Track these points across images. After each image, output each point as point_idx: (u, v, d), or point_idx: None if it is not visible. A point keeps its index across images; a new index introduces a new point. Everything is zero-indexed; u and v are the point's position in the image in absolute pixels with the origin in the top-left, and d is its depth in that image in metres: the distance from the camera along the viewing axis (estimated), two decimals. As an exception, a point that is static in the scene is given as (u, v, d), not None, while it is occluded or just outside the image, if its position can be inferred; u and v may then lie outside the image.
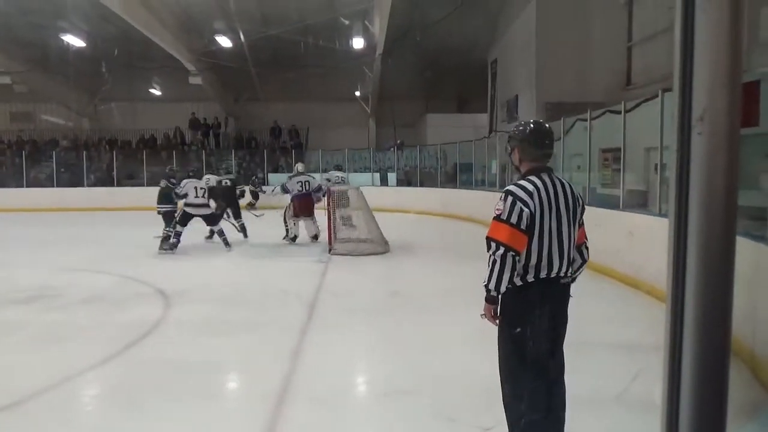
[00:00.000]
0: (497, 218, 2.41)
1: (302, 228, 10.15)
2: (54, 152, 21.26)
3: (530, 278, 2.43)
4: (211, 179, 10.33)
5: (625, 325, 5.19)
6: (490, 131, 19.07)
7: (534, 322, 2.44)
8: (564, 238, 2.46)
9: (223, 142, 23.70)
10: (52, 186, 20.14)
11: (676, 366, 0.96)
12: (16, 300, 6.04)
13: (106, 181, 20.83)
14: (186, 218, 9.22)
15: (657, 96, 6.05)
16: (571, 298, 2.61)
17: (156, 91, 24.93)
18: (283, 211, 10.28)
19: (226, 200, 10.52)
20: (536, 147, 2.53)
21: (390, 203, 16.14)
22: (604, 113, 7.98)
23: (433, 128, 22.44)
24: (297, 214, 9.94)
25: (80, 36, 17.07)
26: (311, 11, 16.20)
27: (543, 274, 2.43)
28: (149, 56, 19.29)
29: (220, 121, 24.24)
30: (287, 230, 10.09)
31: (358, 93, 24.80)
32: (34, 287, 6.66)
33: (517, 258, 2.37)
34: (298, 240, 10.06)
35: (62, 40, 17.04)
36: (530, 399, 2.46)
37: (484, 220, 12.85)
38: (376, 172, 19.96)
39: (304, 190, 9.87)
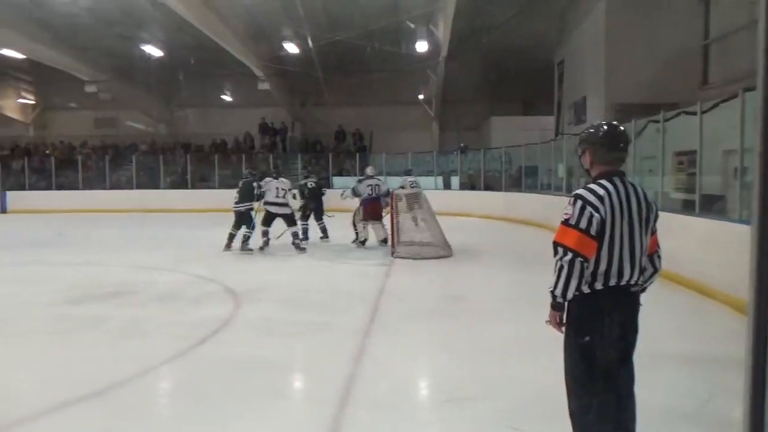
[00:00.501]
0: (566, 223, 2.32)
1: (371, 232, 10.17)
2: (134, 156, 22.49)
3: (599, 286, 2.33)
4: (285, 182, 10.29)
5: (699, 337, 4.94)
6: (557, 134, 18.60)
7: (602, 332, 2.34)
8: (636, 245, 2.35)
9: (289, 146, 24.31)
10: (132, 188, 21.31)
11: (759, 383, 0.91)
12: (99, 296, 6.43)
13: (180, 183, 21.82)
14: (270, 218, 9.44)
15: (737, 96, 5.72)
16: (641, 307, 2.49)
17: (227, 97, 25.93)
18: (352, 214, 10.32)
19: (310, 202, 10.71)
20: (609, 150, 2.43)
21: (453, 207, 16.04)
22: (678, 114, 7.63)
23: (498, 131, 22.13)
24: (366, 218, 9.96)
25: (159, 46, 18.06)
26: (376, 16, 16.37)
27: (612, 282, 2.33)
28: (221, 64, 20.10)
29: (286, 125, 24.88)
30: (357, 234, 10.12)
31: (421, 96, 24.82)
32: (115, 284, 7.07)
33: (585, 264, 2.28)
34: (367, 243, 10.08)
35: (142, 50, 18.09)
36: (599, 411, 2.36)
37: (549, 225, 12.61)
38: (439, 175, 19.90)
39: (373, 194, 9.88)
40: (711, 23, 12.72)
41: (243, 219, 9.57)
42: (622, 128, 2.50)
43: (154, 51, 18.08)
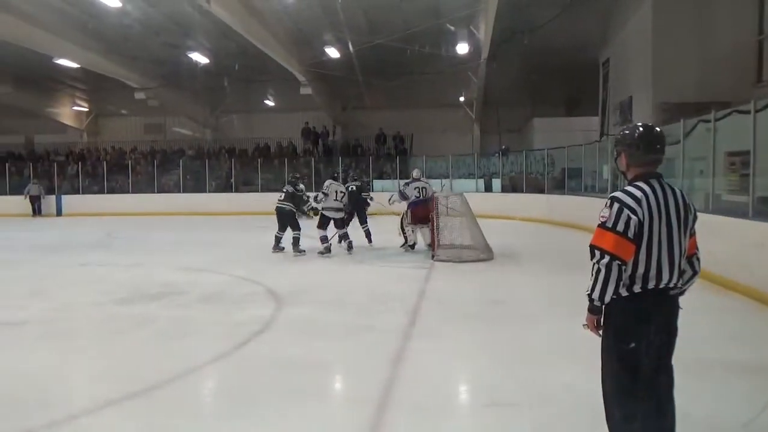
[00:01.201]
0: (602, 226, 2.31)
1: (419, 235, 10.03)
2: (181, 161, 23.16)
3: (637, 289, 2.31)
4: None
5: (753, 344, 4.73)
6: (602, 135, 18.18)
7: (641, 336, 2.31)
8: (674, 248, 2.31)
9: (330, 149, 24.56)
10: (179, 192, 21.94)
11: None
12: (147, 296, 6.65)
13: (225, 187, 22.34)
14: (325, 221, 9.51)
15: (794, 93, 5.48)
16: (680, 311, 2.44)
17: (270, 102, 26.40)
18: (400, 218, 10.20)
19: (352, 205, 10.79)
20: (645, 152, 2.38)
21: (494, 209, 15.89)
22: (730, 113, 7.35)
23: (540, 133, 21.81)
24: (414, 222, 9.78)
25: (204, 53, 18.58)
26: (416, 18, 16.38)
27: (651, 285, 2.30)
28: (264, 69, 20.49)
29: (328, 129, 25.14)
30: (405, 238, 9.98)
31: (462, 99, 24.68)
32: (161, 285, 7.30)
33: (623, 267, 2.27)
34: (416, 247, 9.97)
35: (189, 58, 18.63)
36: (643, 419, 2.32)
37: (593, 228, 12.23)
38: (480, 178, 19.72)
39: (421, 197, 9.70)
40: (765, 18, 12.22)
41: (287, 219, 9.65)
42: (658, 129, 2.44)
43: (200, 58, 18.61)
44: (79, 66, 19.34)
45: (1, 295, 7.01)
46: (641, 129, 2.43)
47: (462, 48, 17.66)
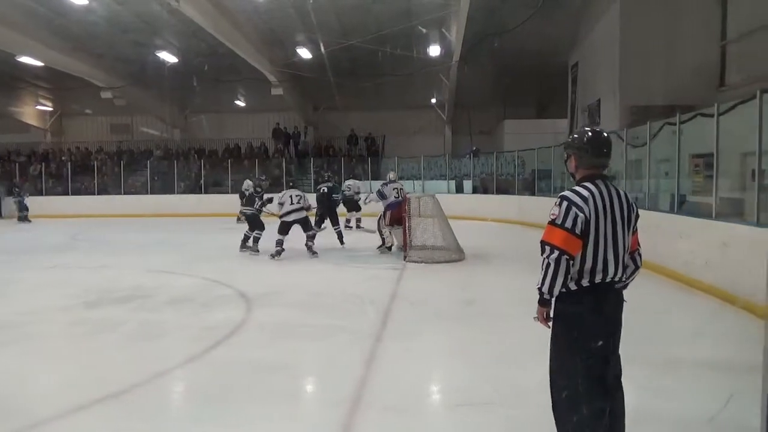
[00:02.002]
0: (552, 223, 2.45)
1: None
2: (148, 161, 22.72)
3: (585, 283, 2.44)
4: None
5: (717, 342, 4.86)
6: (571, 137, 18.47)
7: (588, 326, 2.45)
8: (619, 244, 2.46)
9: (302, 150, 24.41)
10: (147, 193, 21.51)
11: (776, 388, 0.89)
12: (115, 299, 6.49)
13: (194, 188, 21.99)
14: (286, 227, 9.38)
15: (755, 97, 5.64)
16: (625, 303, 2.57)
17: (240, 103, 26.10)
18: (377, 220, 10.19)
19: (323, 207, 10.70)
20: (593, 155, 2.53)
21: (466, 211, 15.99)
22: (694, 116, 7.53)
23: (511, 135, 22.06)
24: (392, 223, 9.73)
25: (173, 52, 18.24)
26: (389, 21, 16.40)
27: (598, 279, 2.43)
28: (234, 69, 20.25)
29: (299, 130, 24.98)
30: (383, 240, 9.93)
31: (434, 100, 24.82)
32: (129, 287, 7.13)
33: (571, 262, 2.40)
34: (393, 249, 9.95)
35: (157, 57, 18.27)
36: (589, 405, 2.43)
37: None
38: (452, 179, 19.84)
39: (400, 198, 9.69)
40: (728, 24, 12.58)
41: (250, 221, 9.90)
42: (606, 134, 2.59)
43: (168, 57, 18.26)
44: (42, 64, 18.79)
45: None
46: (590, 133, 2.56)
47: (434, 50, 17.75)
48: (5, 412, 3.38)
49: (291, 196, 9.43)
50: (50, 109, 27.79)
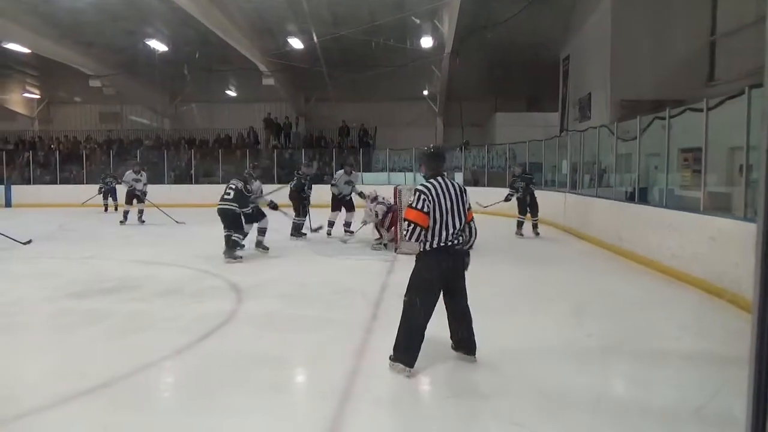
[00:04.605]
0: (410, 206, 3.75)
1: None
2: (138, 151, 22.52)
3: (434, 245, 3.74)
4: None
5: (703, 334, 4.91)
6: (561, 130, 18.55)
7: (433, 272, 3.77)
8: (455, 218, 3.76)
9: (293, 141, 24.31)
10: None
11: (763, 380, 0.90)
12: (102, 290, 6.45)
13: (185, 178, 21.84)
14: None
15: (743, 92, 5.68)
16: (469, 261, 3.94)
17: (231, 93, 25.92)
18: (375, 221, 9.76)
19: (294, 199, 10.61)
20: (435, 162, 3.93)
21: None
22: (683, 111, 7.58)
23: (502, 127, 22.09)
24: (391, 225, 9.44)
25: (163, 41, 18.04)
26: (381, 11, 16.32)
27: (440, 242, 3.72)
28: (225, 59, 20.10)
29: (291, 121, 24.86)
30: (381, 235, 9.63)
31: (426, 92, 24.76)
32: (117, 278, 7.09)
33: (422, 231, 3.70)
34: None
35: (147, 45, 18.07)
36: (416, 316, 3.77)
37: (555, 222, 12.55)
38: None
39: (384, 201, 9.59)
40: (718, 19, 12.64)
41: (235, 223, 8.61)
42: (441, 150, 4.30)
43: (158, 46, 18.06)
44: (29, 51, 18.53)
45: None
46: (432, 150, 4.06)
47: (426, 41, 17.69)
48: (-8, 403, 3.35)
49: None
50: (38, 96, 27.46)
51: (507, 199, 11.73)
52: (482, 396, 3.49)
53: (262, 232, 9.04)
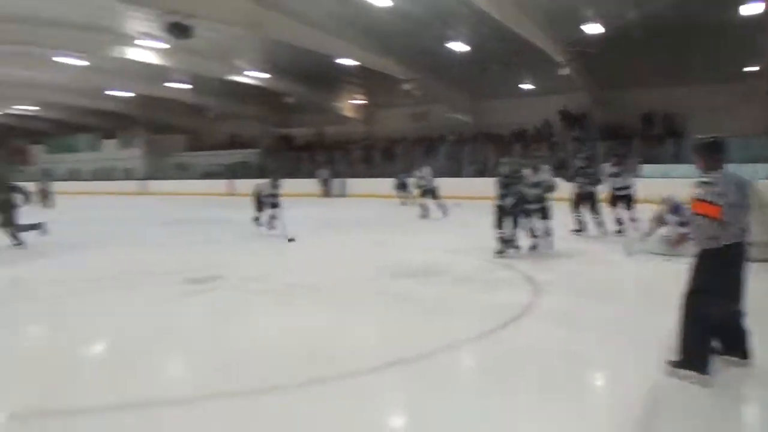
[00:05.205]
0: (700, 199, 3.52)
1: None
2: (442, 147, 24.59)
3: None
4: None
5: None
6: None
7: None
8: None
9: (590, 132, 23.25)
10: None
11: None
12: (407, 273, 7.43)
13: (483, 172, 22.97)
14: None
15: None
16: None
17: (526, 86, 26.07)
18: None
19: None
20: (715, 154, 3.69)
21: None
22: None
23: None
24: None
25: (463, 41, 19.23)
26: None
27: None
28: (520, 53, 20.22)
29: (586, 110, 23.86)
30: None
31: (750, 69, 20.80)
32: (425, 264, 8.06)
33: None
34: None
35: (448, 48, 19.52)
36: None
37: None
38: (775, 161, 16.52)
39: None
40: None
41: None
42: (719, 138, 3.78)
43: (459, 47, 19.31)
44: (357, 63, 21.72)
45: (298, 265, 8.56)
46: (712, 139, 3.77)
47: (747, 9, 14.78)
48: (327, 360, 4.22)
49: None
50: (364, 102, 32.02)
51: None
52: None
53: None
